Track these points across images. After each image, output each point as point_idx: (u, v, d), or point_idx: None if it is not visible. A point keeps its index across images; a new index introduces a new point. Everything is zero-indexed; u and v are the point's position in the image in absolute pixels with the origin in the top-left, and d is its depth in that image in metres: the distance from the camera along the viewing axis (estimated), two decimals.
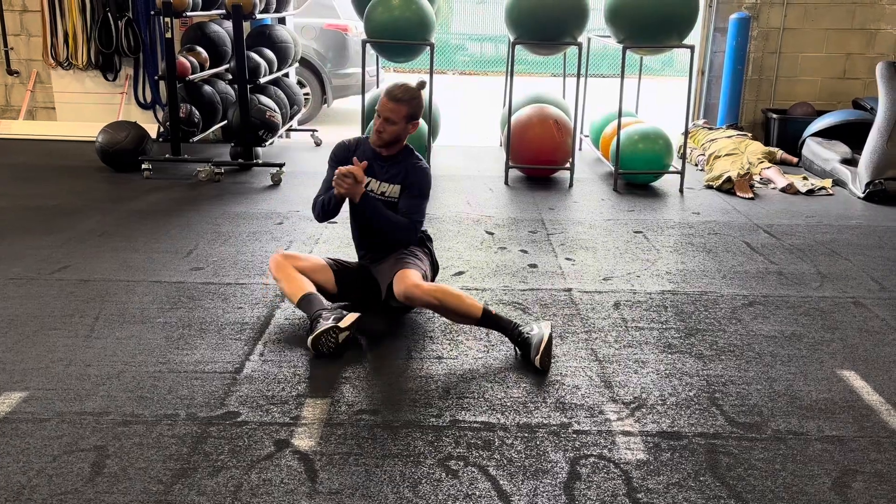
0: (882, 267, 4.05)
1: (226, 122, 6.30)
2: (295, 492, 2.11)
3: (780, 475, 2.24)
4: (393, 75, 12.06)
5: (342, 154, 3.26)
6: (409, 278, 2.99)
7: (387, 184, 3.19)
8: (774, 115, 6.92)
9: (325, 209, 3.22)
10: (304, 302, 3.02)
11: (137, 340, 2.98)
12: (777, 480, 2.21)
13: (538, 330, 2.88)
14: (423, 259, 3.25)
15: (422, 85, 3.19)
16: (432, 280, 3.32)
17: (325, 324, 2.86)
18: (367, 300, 3.28)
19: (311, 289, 3.06)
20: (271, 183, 5.50)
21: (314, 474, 2.19)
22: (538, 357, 2.79)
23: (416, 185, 3.18)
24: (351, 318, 2.92)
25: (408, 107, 3.10)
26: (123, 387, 2.63)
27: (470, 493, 2.12)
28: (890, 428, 2.50)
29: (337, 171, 3.04)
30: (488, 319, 2.95)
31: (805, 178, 5.86)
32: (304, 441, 2.34)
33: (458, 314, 2.95)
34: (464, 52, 15.22)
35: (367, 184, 3.16)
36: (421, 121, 5.70)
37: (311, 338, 2.85)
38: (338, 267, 3.27)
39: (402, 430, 2.42)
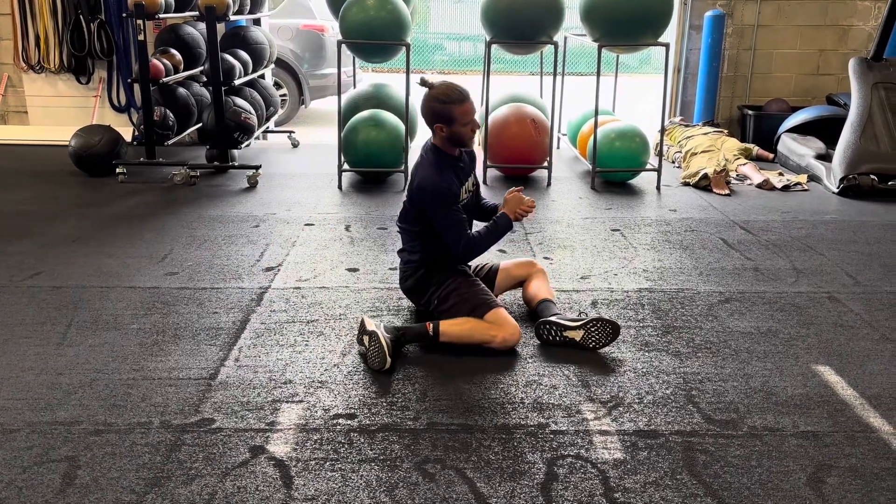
0: (856, 261, 4.09)
1: (201, 124, 6.24)
2: (270, 499, 2.09)
3: (755, 471, 2.25)
4: (371, 75, 12.04)
5: (450, 178, 3.06)
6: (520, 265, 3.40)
7: (472, 176, 3.26)
8: (750, 112, 6.96)
9: (496, 241, 3.16)
10: (426, 339, 2.97)
11: (111, 347, 2.94)
12: (753, 477, 2.22)
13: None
14: None
15: (425, 81, 3.08)
16: None
17: (387, 351, 2.80)
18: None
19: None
20: (248, 185, 5.46)
21: (290, 481, 2.17)
22: (609, 334, 2.95)
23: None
24: (388, 363, 2.83)
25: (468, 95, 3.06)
26: (96, 395, 2.59)
27: (447, 496, 2.11)
28: (864, 422, 2.52)
29: (526, 203, 3.14)
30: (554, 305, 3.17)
31: (780, 174, 5.91)
32: (279, 447, 2.32)
33: (544, 288, 3.27)
34: (442, 51, 15.22)
35: (468, 188, 3.20)
36: (398, 121, 5.68)
37: (379, 333, 2.82)
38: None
39: (378, 434, 2.40)
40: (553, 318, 3.02)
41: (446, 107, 2.99)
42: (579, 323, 2.97)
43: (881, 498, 2.14)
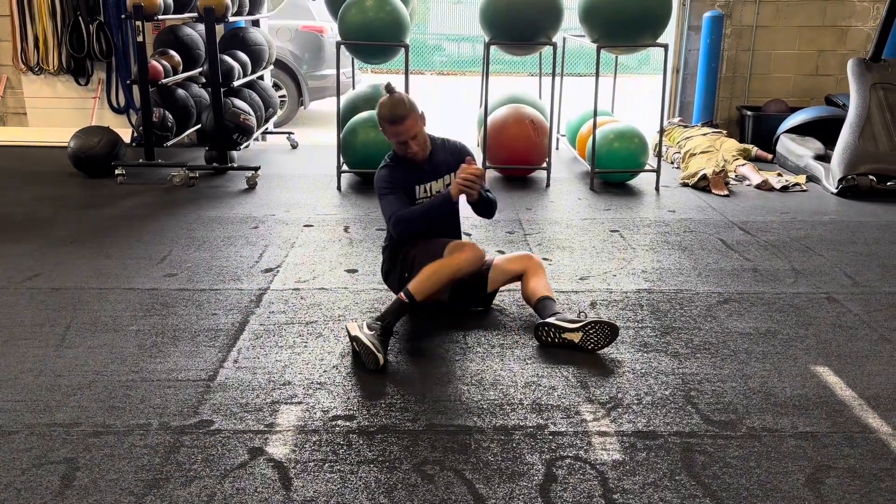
0: (855, 262, 4.09)
1: (200, 125, 6.24)
2: (269, 500, 2.09)
3: (754, 472, 2.25)
4: (370, 76, 12.04)
5: (399, 173, 3.17)
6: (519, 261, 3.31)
7: (446, 176, 3.24)
8: (749, 113, 6.97)
9: (433, 218, 3.14)
10: (409, 306, 2.98)
11: (109, 349, 2.94)
12: (752, 478, 2.22)
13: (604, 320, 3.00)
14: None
15: (392, 87, 3.15)
16: None
17: (376, 349, 2.79)
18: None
19: (425, 301, 3.02)
20: (247, 186, 5.46)
21: (288, 482, 2.17)
22: (605, 336, 2.93)
23: (468, 157, 3.19)
24: (384, 355, 2.85)
25: (413, 112, 3.08)
26: (95, 397, 2.59)
27: (446, 497, 2.11)
28: (862, 423, 2.52)
29: (470, 172, 3.01)
30: (554, 303, 3.13)
31: (779, 175, 5.91)
32: (278, 448, 2.32)
33: (542, 285, 3.18)
34: (441, 52, 15.22)
35: (430, 188, 3.21)
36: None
37: (363, 338, 2.81)
38: None
39: (377, 436, 2.40)
40: (551, 320, 3.02)
41: (381, 123, 3.13)
42: (578, 325, 2.96)
43: (880, 499, 2.14)
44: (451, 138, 3.38)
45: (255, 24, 7.20)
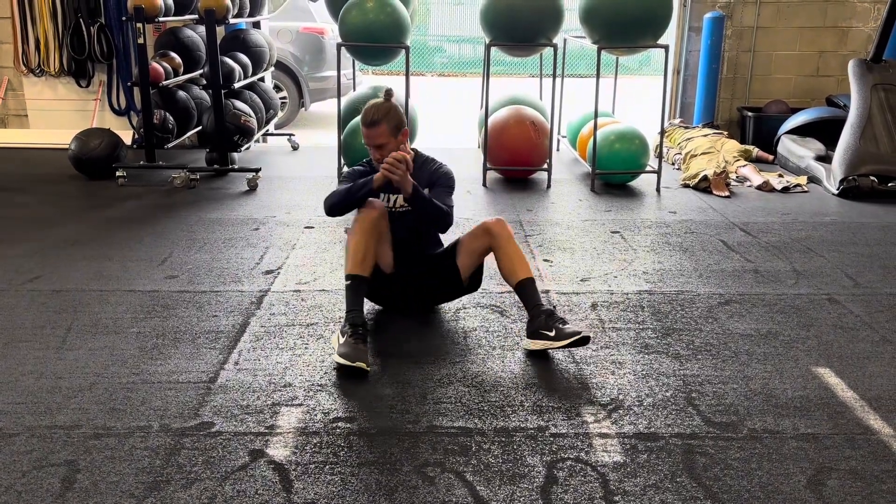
0: (856, 263, 4.09)
1: (200, 127, 6.25)
2: (270, 502, 2.08)
3: (755, 474, 2.24)
4: (371, 77, 12.05)
5: (359, 172, 3.18)
6: (487, 219, 3.12)
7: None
8: (750, 114, 6.97)
9: (350, 195, 3.05)
10: (353, 282, 2.94)
11: (110, 351, 2.94)
12: (753, 480, 2.22)
13: (574, 329, 2.90)
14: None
15: (389, 93, 3.12)
16: None
17: (353, 360, 2.75)
18: (419, 287, 3.27)
19: (367, 273, 2.97)
20: (247, 188, 5.46)
21: (289, 484, 2.16)
22: (573, 336, 2.82)
23: (444, 181, 3.18)
24: (365, 361, 2.80)
25: (387, 122, 3.03)
26: (95, 399, 2.59)
27: (447, 499, 2.11)
28: (864, 425, 2.52)
29: (391, 155, 2.91)
30: (532, 286, 3.01)
31: (780, 176, 5.91)
32: (279, 451, 2.32)
33: (518, 263, 3.03)
34: (442, 53, 15.23)
35: (395, 200, 3.16)
36: None
37: (338, 360, 2.77)
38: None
39: (378, 438, 2.40)
40: (539, 346, 2.92)
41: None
42: (561, 344, 2.85)
43: (881, 501, 2.14)
44: (443, 164, 3.27)
45: (256, 25, 7.20)
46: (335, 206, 3.10)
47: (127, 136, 6.33)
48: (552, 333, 2.88)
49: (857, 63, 5.90)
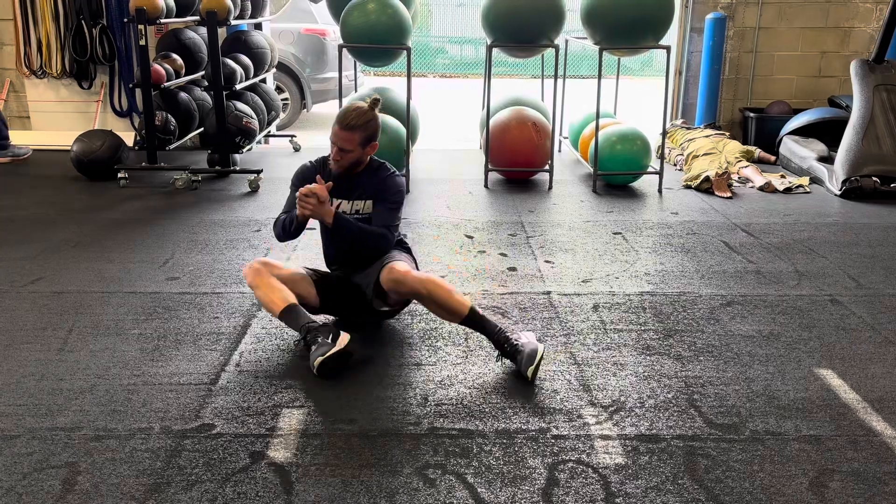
0: (858, 264, 4.08)
1: (202, 129, 6.25)
2: None
3: (757, 476, 2.24)
4: (372, 79, 12.06)
5: (310, 175, 3.12)
6: (398, 267, 2.91)
7: (359, 201, 3.10)
8: (752, 114, 6.96)
9: (285, 230, 3.07)
10: (288, 314, 2.89)
11: (111, 353, 2.94)
12: (755, 482, 2.21)
13: (530, 343, 2.81)
14: (407, 256, 3.19)
15: (375, 103, 3.04)
16: None
17: (330, 348, 2.73)
18: (350, 310, 3.20)
19: (294, 300, 2.93)
20: (249, 190, 5.47)
21: (290, 486, 2.16)
22: (532, 369, 2.73)
23: (389, 197, 3.09)
24: (345, 338, 2.79)
25: (362, 132, 2.97)
26: (96, 401, 2.59)
27: (448, 501, 2.11)
28: (866, 426, 2.51)
29: (299, 191, 2.91)
30: (473, 320, 2.88)
31: (782, 177, 5.90)
32: (280, 452, 2.32)
33: (444, 308, 2.87)
34: (444, 54, 15.23)
35: (339, 205, 3.08)
36: (399, 125, 5.66)
37: (317, 362, 2.73)
38: (318, 277, 3.16)
39: (379, 440, 2.40)
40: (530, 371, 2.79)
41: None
42: (531, 372, 2.76)
43: (884, 502, 2.13)
44: (394, 174, 3.14)
45: (258, 27, 7.20)
46: (280, 238, 3.15)
47: (129, 138, 6.33)
48: (523, 370, 2.77)
49: (860, 64, 5.89)
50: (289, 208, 3.13)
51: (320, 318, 3.04)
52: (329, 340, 2.78)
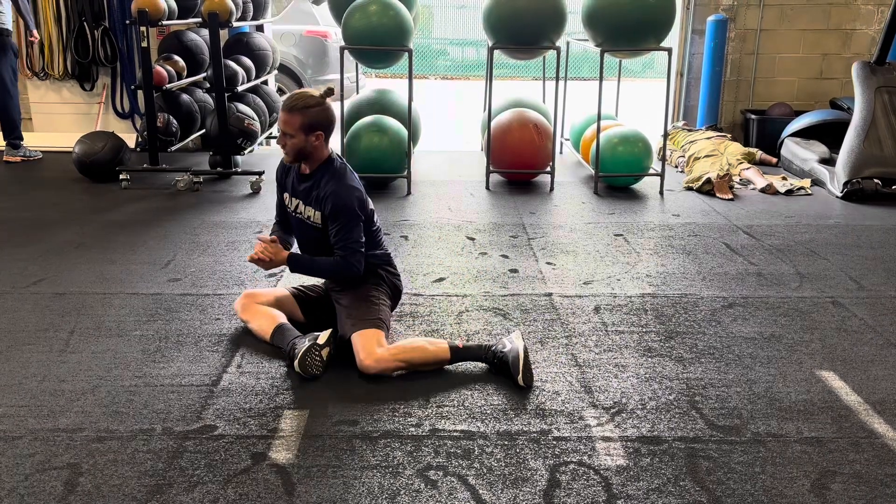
0: (860, 266, 4.08)
1: (204, 130, 6.26)
2: None
3: (759, 478, 2.24)
4: (374, 81, 12.07)
5: (280, 175, 3.20)
6: (363, 351, 2.77)
7: (310, 208, 2.98)
8: (753, 116, 6.96)
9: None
10: (277, 334, 2.94)
11: (113, 354, 2.95)
12: (756, 483, 2.21)
13: (511, 345, 2.80)
14: (377, 299, 2.99)
15: (328, 92, 2.90)
16: (392, 307, 3.16)
17: (304, 344, 2.77)
18: (336, 323, 3.11)
19: (282, 319, 2.99)
20: (251, 191, 5.47)
21: (292, 487, 2.16)
22: (520, 376, 2.72)
23: (335, 213, 2.88)
24: (326, 333, 2.84)
25: (302, 116, 2.83)
26: (98, 402, 2.59)
27: (449, 503, 2.11)
28: (868, 428, 2.51)
29: (248, 257, 2.99)
30: (459, 357, 2.86)
31: (784, 179, 5.89)
32: (281, 454, 2.32)
33: (427, 366, 2.83)
34: (445, 56, 15.24)
35: (296, 206, 3.05)
36: (400, 127, 5.65)
37: (296, 362, 2.74)
38: (302, 295, 3.18)
39: (380, 441, 2.40)
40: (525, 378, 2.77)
41: None
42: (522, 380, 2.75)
43: None
44: (342, 186, 2.91)
45: (260, 29, 7.21)
46: None
47: (130, 140, 6.34)
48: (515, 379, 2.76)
49: (861, 66, 5.89)
50: (278, 213, 3.25)
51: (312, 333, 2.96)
52: (307, 342, 2.80)
